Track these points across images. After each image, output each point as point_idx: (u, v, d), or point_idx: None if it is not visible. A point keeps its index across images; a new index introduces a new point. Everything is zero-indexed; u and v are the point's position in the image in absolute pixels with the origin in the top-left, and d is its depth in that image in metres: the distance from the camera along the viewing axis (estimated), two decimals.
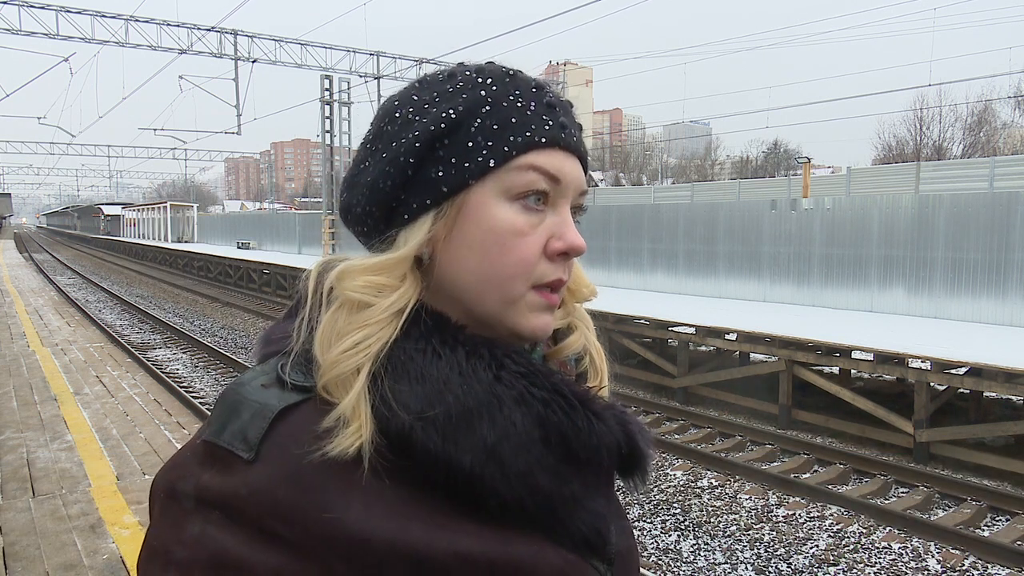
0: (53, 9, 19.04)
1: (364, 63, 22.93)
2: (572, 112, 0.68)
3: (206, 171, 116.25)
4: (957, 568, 5.46)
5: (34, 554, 3.63)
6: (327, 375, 0.58)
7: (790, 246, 12.26)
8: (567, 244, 0.64)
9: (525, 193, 0.63)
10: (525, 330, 0.64)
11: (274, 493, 0.54)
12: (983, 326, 9.69)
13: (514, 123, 0.63)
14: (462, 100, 0.63)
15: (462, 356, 0.60)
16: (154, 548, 0.57)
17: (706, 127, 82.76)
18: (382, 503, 0.55)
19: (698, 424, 9.11)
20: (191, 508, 0.56)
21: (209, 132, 32.84)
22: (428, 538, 0.55)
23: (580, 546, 0.63)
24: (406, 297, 0.61)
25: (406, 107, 0.65)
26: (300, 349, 0.61)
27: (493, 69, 0.66)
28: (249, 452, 0.56)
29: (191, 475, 0.58)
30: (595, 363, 0.74)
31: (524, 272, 0.63)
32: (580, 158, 0.67)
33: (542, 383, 0.62)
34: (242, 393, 0.60)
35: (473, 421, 0.58)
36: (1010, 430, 7.65)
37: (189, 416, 6.44)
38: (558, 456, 0.61)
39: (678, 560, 5.70)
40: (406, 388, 0.58)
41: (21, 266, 29.95)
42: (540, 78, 0.69)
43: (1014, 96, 39.16)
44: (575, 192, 0.66)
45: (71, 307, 16.55)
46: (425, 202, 0.63)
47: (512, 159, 0.62)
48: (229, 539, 0.54)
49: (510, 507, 0.59)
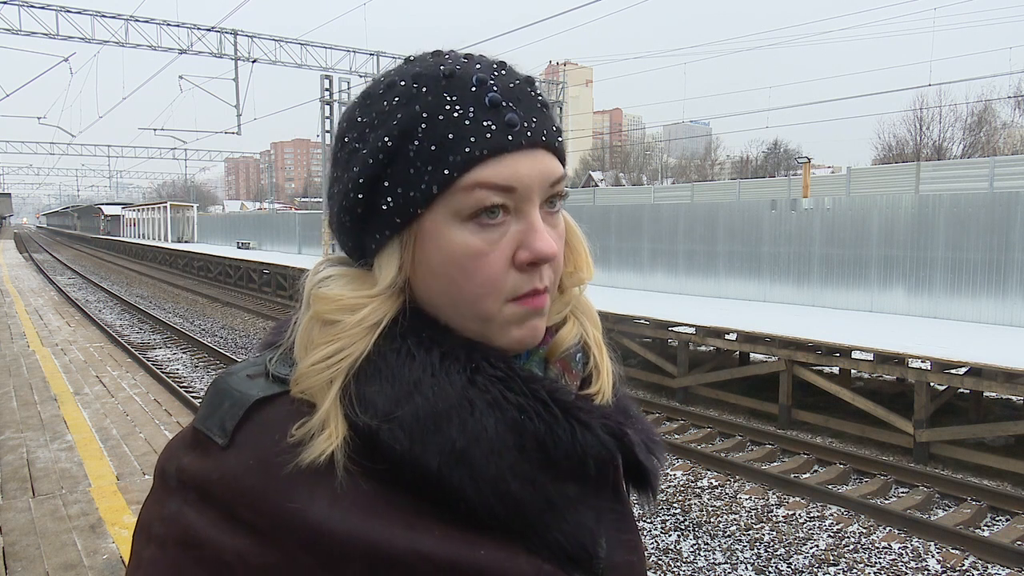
0: (53, 9, 19.04)
1: (364, 63, 22.93)
2: (529, 94, 0.63)
3: (206, 171, 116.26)
4: (957, 568, 5.46)
5: (34, 554, 3.63)
6: (300, 384, 0.60)
7: (790, 246, 12.26)
8: (533, 253, 0.60)
9: (477, 212, 0.59)
10: (509, 344, 0.63)
11: (243, 480, 0.56)
12: (983, 326, 9.69)
13: (451, 139, 0.59)
14: (397, 121, 0.60)
15: (436, 357, 0.60)
16: (141, 522, 0.61)
17: (706, 127, 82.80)
18: (347, 499, 0.56)
19: (698, 424, 9.11)
20: (173, 487, 0.59)
21: (209, 132, 32.89)
22: (389, 535, 0.56)
23: (559, 557, 0.61)
24: (381, 312, 0.61)
25: (351, 131, 0.64)
26: (288, 344, 0.63)
27: (430, 74, 0.61)
28: (224, 438, 0.58)
29: (177, 457, 0.61)
30: (596, 362, 0.70)
31: (492, 291, 0.61)
32: (544, 148, 0.62)
33: (520, 388, 0.60)
34: (228, 382, 0.62)
35: (442, 423, 0.57)
36: (1010, 430, 7.65)
37: (189, 416, 6.44)
38: (534, 464, 0.59)
39: (678, 560, 5.69)
40: (376, 388, 0.59)
41: (21, 266, 29.94)
42: (484, 68, 0.62)
43: (1014, 96, 39.17)
44: (540, 188, 0.61)
45: (71, 307, 16.54)
46: (385, 233, 0.62)
47: (455, 181, 0.59)
48: (200, 519, 0.56)
49: (479, 512, 0.58)
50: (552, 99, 26.40)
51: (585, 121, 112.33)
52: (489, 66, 0.63)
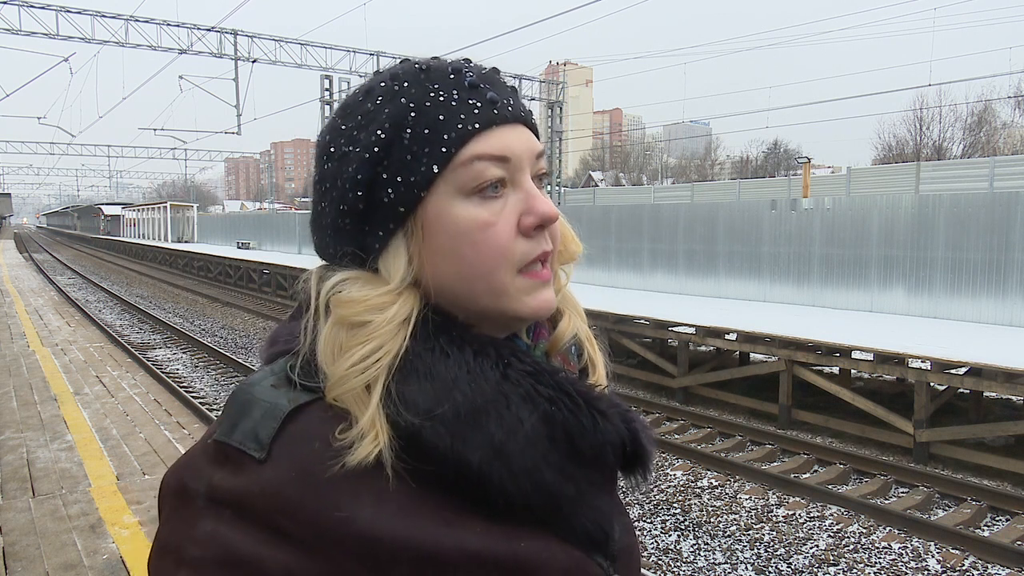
0: (53, 9, 19.05)
1: (364, 63, 22.94)
2: (499, 80, 0.67)
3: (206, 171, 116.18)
4: (957, 568, 5.46)
5: (34, 554, 3.63)
6: (336, 389, 0.59)
7: (790, 246, 12.25)
8: (538, 216, 0.63)
9: (480, 185, 0.62)
10: (526, 312, 0.64)
11: (286, 492, 0.55)
12: (983, 326, 9.68)
13: (443, 120, 0.61)
14: (386, 115, 0.62)
15: (470, 355, 0.61)
16: (166, 546, 0.58)
17: (706, 127, 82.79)
18: (392, 502, 0.56)
19: (698, 424, 9.11)
20: (203, 506, 0.57)
21: (209, 132, 32.94)
22: (436, 536, 0.56)
23: (584, 542, 0.63)
24: (408, 306, 0.62)
25: (337, 140, 0.64)
26: (307, 350, 0.62)
27: (406, 70, 0.64)
28: (261, 451, 0.57)
29: (202, 474, 0.58)
30: (590, 354, 0.74)
31: (504, 260, 0.62)
32: (523, 123, 0.65)
33: (548, 381, 0.62)
34: (253, 393, 0.60)
35: (481, 419, 0.58)
36: (1010, 430, 7.65)
37: (189, 416, 6.44)
38: (563, 453, 0.61)
39: (678, 560, 5.69)
40: (415, 387, 0.59)
41: (21, 266, 29.94)
42: (454, 62, 0.66)
43: (1014, 96, 39.17)
44: (530, 160, 0.65)
45: (71, 307, 16.55)
46: (389, 227, 0.62)
47: (453, 157, 0.61)
48: (240, 537, 0.54)
49: (516, 504, 0.59)
50: (552, 99, 26.48)
51: (585, 121, 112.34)
52: (457, 60, 0.67)
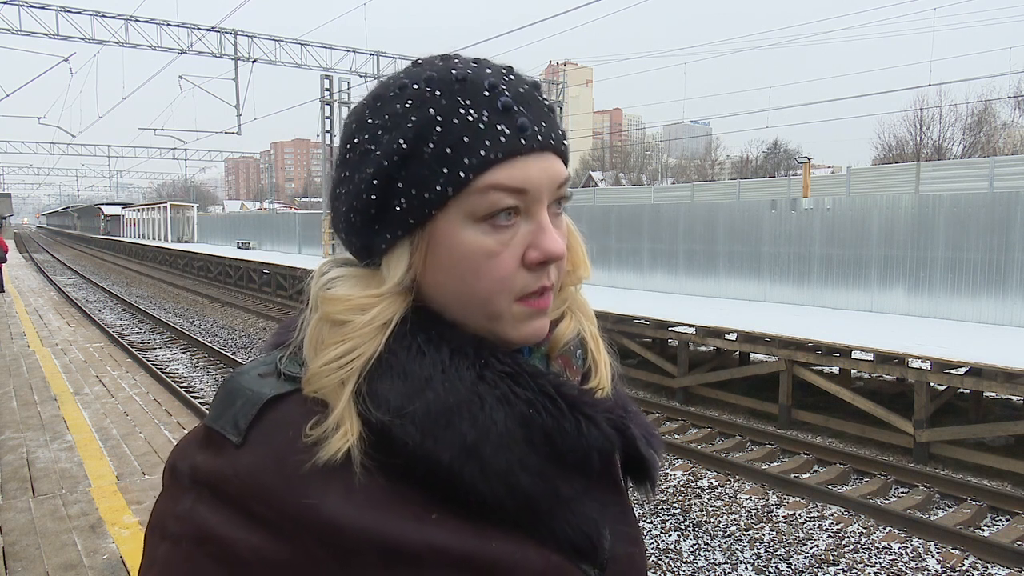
0: (53, 9, 19.05)
1: (364, 63, 22.94)
2: (537, 99, 0.64)
3: (206, 171, 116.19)
4: (957, 568, 5.46)
5: (34, 554, 3.63)
6: (312, 384, 0.61)
7: (790, 246, 12.25)
8: (543, 253, 0.62)
9: (491, 213, 0.61)
10: (516, 339, 0.64)
11: (258, 477, 0.57)
12: (983, 326, 9.68)
13: (467, 143, 0.60)
14: (412, 124, 0.61)
15: (446, 354, 0.61)
16: (153, 520, 0.62)
17: (706, 127, 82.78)
18: (361, 495, 0.57)
19: (698, 424, 9.11)
20: (186, 485, 0.60)
21: (209, 132, 32.91)
22: (402, 530, 0.57)
23: (566, 549, 0.63)
24: (392, 310, 0.62)
25: (362, 133, 0.64)
26: (298, 343, 0.64)
27: (442, 77, 0.62)
28: (238, 437, 0.59)
29: (189, 455, 0.61)
30: (593, 356, 0.73)
31: (503, 290, 0.62)
32: (552, 151, 0.64)
33: (527, 383, 0.62)
34: (239, 381, 0.63)
35: (453, 418, 0.58)
36: (1010, 430, 7.65)
37: (189, 416, 6.44)
38: (543, 457, 0.61)
39: (678, 560, 5.69)
40: (388, 385, 0.59)
41: (21, 266, 29.93)
42: (494, 73, 0.63)
43: (1014, 96, 39.17)
44: (549, 191, 0.63)
45: (71, 307, 16.55)
46: (397, 232, 0.63)
47: (470, 183, 0.60)
48: (215, 516, 0.57)
49: (490, 505, 0.59)
50: (552, 99, 26.52)
51: (585, 121, 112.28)
52: (498, 71, 0.64)
